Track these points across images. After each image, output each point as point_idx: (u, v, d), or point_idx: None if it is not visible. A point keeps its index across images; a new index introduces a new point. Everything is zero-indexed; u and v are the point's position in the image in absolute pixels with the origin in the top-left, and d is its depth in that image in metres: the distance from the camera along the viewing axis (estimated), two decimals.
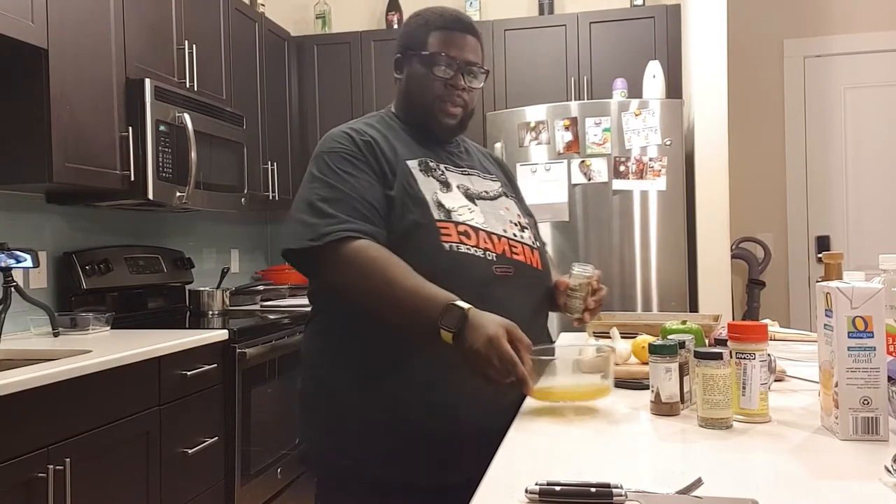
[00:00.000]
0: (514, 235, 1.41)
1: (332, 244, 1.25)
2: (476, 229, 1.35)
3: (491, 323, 1.18)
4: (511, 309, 1.30)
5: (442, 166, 1.42)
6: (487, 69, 1.47)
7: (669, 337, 1.20)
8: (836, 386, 0.98)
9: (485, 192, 1.46)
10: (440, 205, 1.34)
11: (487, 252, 1.33)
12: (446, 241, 1.30)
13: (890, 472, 0.82)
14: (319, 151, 1.38)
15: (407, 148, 1.41)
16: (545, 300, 1.47)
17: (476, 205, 1.40)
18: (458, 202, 1.37)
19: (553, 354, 1.35)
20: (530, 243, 1.43)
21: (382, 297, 1.25)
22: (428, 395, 1.28)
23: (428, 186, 1.36)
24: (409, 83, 1.45)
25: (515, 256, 1.37)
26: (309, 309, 1.47)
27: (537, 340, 1.37)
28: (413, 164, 1.38)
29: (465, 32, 1.43)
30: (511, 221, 1.44)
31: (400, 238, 1.31)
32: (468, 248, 1.31)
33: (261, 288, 3.59)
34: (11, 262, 2.22)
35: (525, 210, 1.57)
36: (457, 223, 1.33)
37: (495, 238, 1.36)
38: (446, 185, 1.39)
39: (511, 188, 1.58)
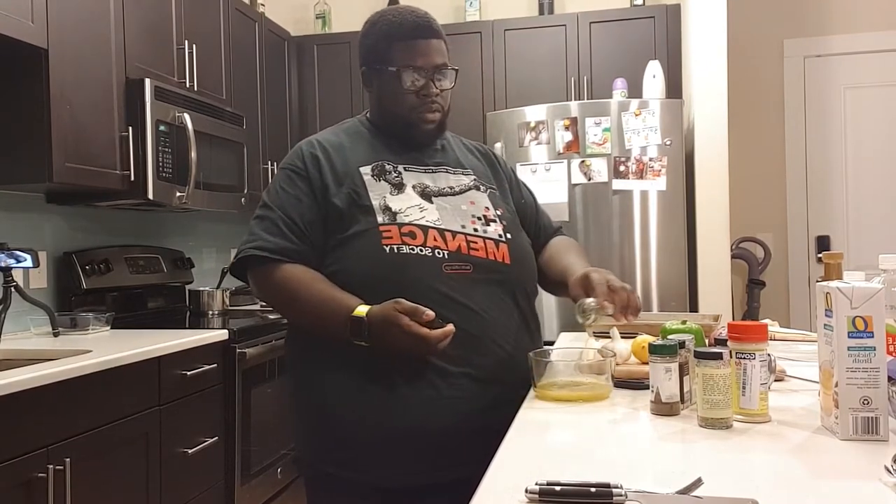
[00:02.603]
0: (476, 230, 1.38)
1: (244, 260, 1.39)
2: (425, 228, 1.34)
3: (386, 314, 1.23)
4: (470, 306, 1.31)
5: (400, 167, 1.42)
6: (456, 67, 1.45)
7: (669, 337, 1.20)
8: (836, 386, 0.98)
9: (448, 188, 1.44)
10: (386, 208, 1.35)
11: (437, 250, 1.32)
12: (387, 244, 1.31)
13: (890, 472, 0.82)
14: (280, 165, 1.48)
15: (366, 154, 1.42)
16: (517, 294, 1.41)
17: (432, 202, 1.39)
18: (409, 203, 1.37)
19: (551, 356, 1.35)
20: (496, 237, 1.40)
21: (295, 320, 1.43)
22: (405, 396, 1.28)
23: (377, 191, 1.37)
24: (381, 97, 1.46)
25: (474, 253, 1.35)
26: None
27: (511, 335, 1.36)
28: (366, 171, 1.39)
29: (427, 38, 1.40)
30: (475, 216, 1.41)
31: (345, 244, 1.34)
32: (411, 248, 1.31)
33: None
34: (11, 262, 2.22)
35: (505, 201, 1.52)
36: (401, 224, 1.33)
37: (449, 235, 1.34)
38: (398, 187, 1.39)
39: (492, 180, 1.54)
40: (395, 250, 1.30)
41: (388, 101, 1.44)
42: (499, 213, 1.46)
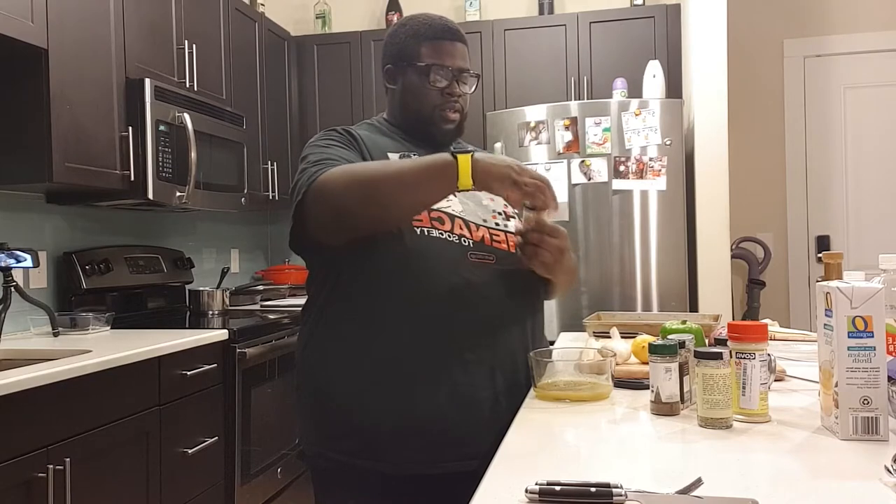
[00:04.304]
0: (497, 224, 1.41)
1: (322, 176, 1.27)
2: (451, 216, 1.36)
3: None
4: (491, 295, 1.32)
5: None
6: (478, 73, 1.52)
7: (669, 337, 1.20)
8: (836, 386, 0.98)
9: None
10: None
11: (463, 238, 1.34)
12: (417, 226, 1.31)
13: (890, 472, 0.82)
14: (308, 143, 1.45)
15: (391, 144, 1.46)
16: (536, 289, 1.45)
17: (455, 196, 1.40)
18: None
19: (551, 356, 1.36)
20: (516, 231, 1.42)
21: (381, 175, 1.25)
22: (417, 384, 1.29)
23: None
24: (404, 94, 1.48)
25: (497, 245, 1.37)
26: None
27: (527, 330, 1.38)
28: (393, 157, 1.42)
29: (454, 41, 1.46)
30: (495, 211, 1.45)
31: None
32: (440, 233, 1.32)
33: (261, 288, 3.60)
34: (11, 261, 2.22)
35: None
36: (430, 209, 1.34)
37: (473, 226, 1.37)
38: None
39: None
40: (426, 233, 1.31)
41: (411, 97, 1.47)
42: (516, 210, 1.48)
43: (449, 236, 1.33)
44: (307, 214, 1.28)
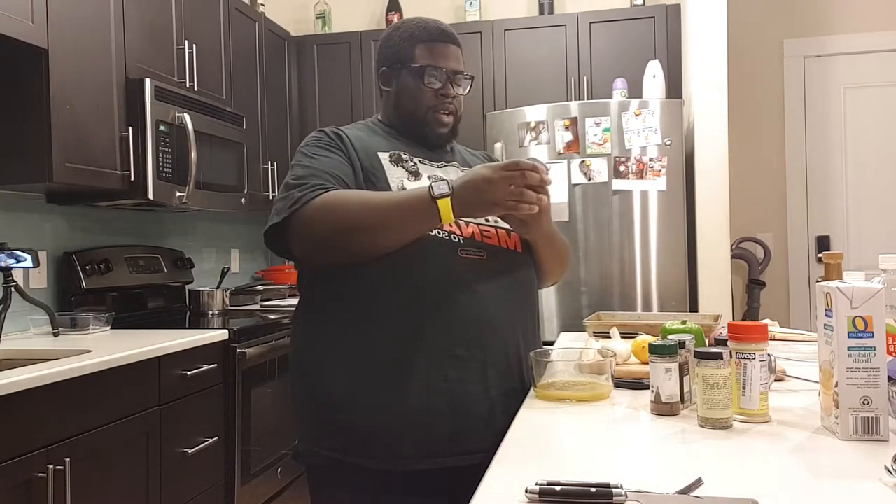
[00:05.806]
0: (487, 220, 1.42)
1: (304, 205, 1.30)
2: None
3: (478, 169, 1.25)
4: (482, 291, 1.32)
5: (415, 159, 1.46)
6: (472, 75, 1.53)
7: (669, 337, 1.20)
8: (836, 386, 0.98)
9: None
10: (404, 191, 1.36)
11: (453, 235, 1.34)
12: None
13: (890, 472, 0.82)
14: (298, 148, 1.48)
15: (383, 143, 1.47)
16: (527, 283, 1.45)
17: None
18: None
19: (551, 356, 1.36)
20: (507, 227, 1.43)
21: (365, 218, 1.29)
22: (412, 379, 1.28)
23: (395, 175, 1.40)
24: (399, 96, 1.50)
25: (487, 241, 1.38)
26: None
27: (519, 325, 1.39)
28: (384, 157, 1.43)
29: (448, 43, 1.48)
30: None
31: None
32: (429, 230, 1.32)
33: (261, 288, 3.60)
34: (11, 262, 2.22)
35: None
36: None
37: (462, 223, 1.37)
38: (415, 175, 1.42)
39: None
40: None
41: (405, 98, 1.48)
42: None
43: (438, 233, 1.33)
44: (290, 240, 1.31)
